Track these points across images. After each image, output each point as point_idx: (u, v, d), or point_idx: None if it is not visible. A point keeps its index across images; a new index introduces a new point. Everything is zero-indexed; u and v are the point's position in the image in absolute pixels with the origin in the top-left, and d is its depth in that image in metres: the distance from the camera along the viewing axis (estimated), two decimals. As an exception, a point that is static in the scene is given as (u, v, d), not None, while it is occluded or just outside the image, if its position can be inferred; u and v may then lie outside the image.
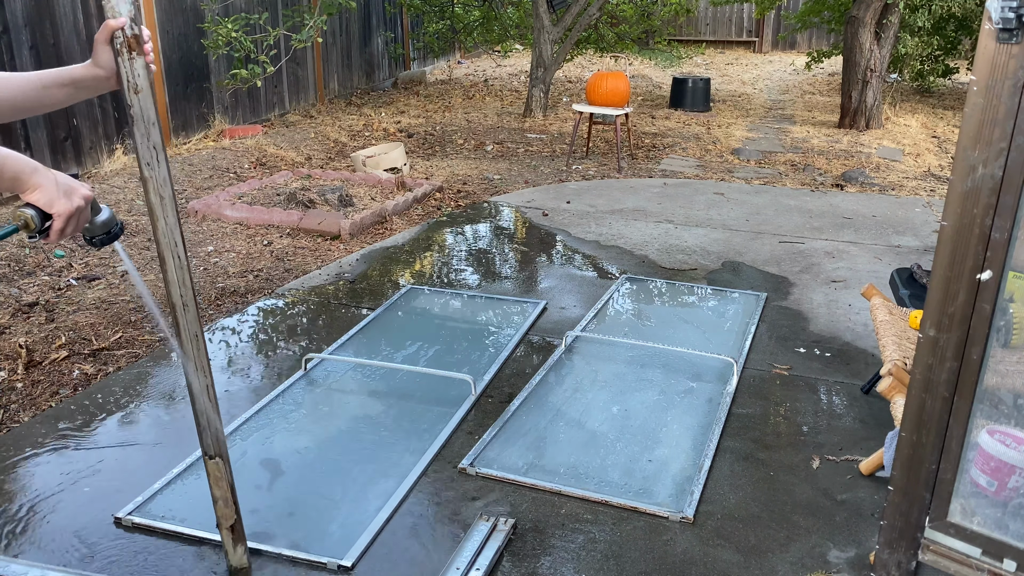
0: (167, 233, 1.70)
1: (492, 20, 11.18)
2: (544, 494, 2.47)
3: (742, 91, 11.60)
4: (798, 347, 3.54)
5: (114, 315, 3.71)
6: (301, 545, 2.20)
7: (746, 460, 2.68)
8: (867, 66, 8.44)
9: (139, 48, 1.54)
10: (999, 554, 1.43)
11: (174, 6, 6.89)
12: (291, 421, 2.84)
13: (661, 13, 11.53)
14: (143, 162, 1.63)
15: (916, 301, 3.02)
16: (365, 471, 2.57)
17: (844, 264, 4.60)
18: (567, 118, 9.12)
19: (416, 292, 4.08)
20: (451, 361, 3.36)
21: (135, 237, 4.74)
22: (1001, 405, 1.45)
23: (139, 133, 1.61)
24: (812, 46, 14.68)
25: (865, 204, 5.92)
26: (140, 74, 1.57)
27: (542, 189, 6.22)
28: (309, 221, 5.00)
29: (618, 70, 8.20)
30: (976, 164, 1.27)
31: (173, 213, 1.69)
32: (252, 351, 3.41)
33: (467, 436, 2.78)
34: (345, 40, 9.92)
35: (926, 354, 1.40)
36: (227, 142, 7.06)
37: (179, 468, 2.52)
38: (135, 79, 1.57)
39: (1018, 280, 1.37)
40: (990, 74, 1.23)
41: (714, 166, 7.17)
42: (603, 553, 2.22)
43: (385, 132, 8.18)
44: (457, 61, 13.76)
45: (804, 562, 2.20)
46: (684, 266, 4.54)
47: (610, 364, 3.32)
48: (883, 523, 1.53)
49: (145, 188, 1.66)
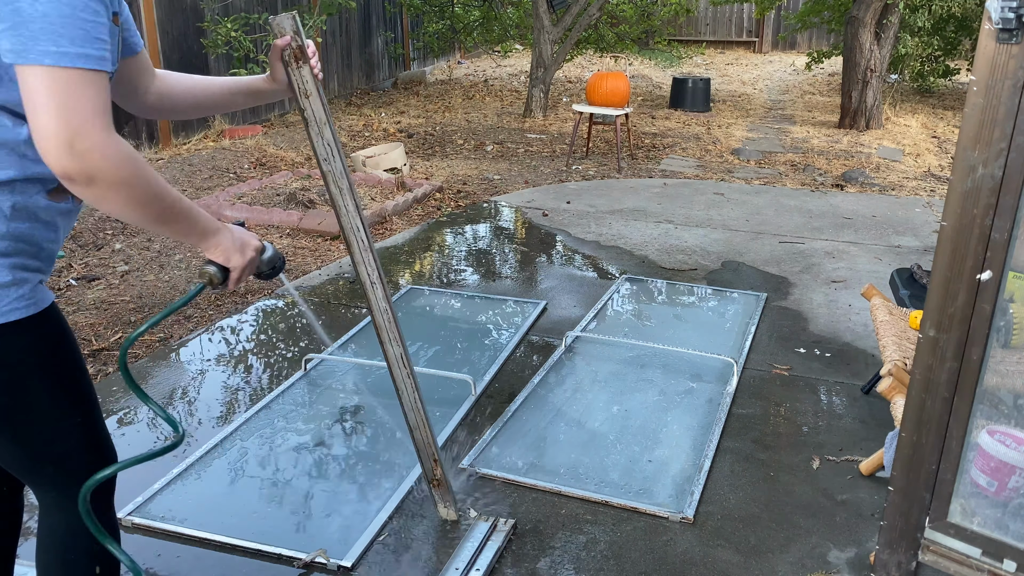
0: (349, 219, 1.86)
1: (492, 20, 11.19)
2: (544, 494, 2.47)
3: (742, 91, 11.60)
4: (798, 347, 3.54)
5: (114, 315, 3.71)
6: (301, 546, 2.20)
7: (746, 460, 2.68)
8: (867, 66, 8.44)
9: (304, 57, 1.68)
10: (999, 554, 1.43)
11: (174, 6, 6.89)
12: (291, 421, 2.84)
13: (661, 13, 11.53)
14: (320, 158, 1.79)
15: (916, 301, 3.02)
16: (365, 471, 2.57)
17: (844, 264, 4.60)
18: (567, 118, 9.12)
19: (416, 292, 4.08)
20: (451, 361, 3.36)
21: (135, 237, 4.74)
22: (1001, 405, 1.45)
23: (313, 133, 1.76)
24: (812, 46, 14.68)
25: (865, 204, 5.92)
26: (308, 80, 1.71)
27: (542, 189, 6.22)
28: (309, 221, 5.00)
29: (618, 70, 8.20)
30: (976, 164, 1.27)
31: (352, 201, 1.84)
32: (252, 351, 3.41)
33: (467, 436, 2.78)
34: (345, 40, 9.92)
35: (926, 354, 1.40)
36: (227, 142, 7.06)
37: (179, 468, 2.52)
38: (304, 85, 1.71)
39: (1018, 280, 1.37)
40: (990, 74, 1.23)
41: (714, 166, 7.17)
42: (603, 553, 2.21)
43: (385, 132, 8.18)
44: (457, 61, 13.76)
45: (804, 562, 2.20)
46: (684, 266, 4.54)
47: (610, 364, 3.32)
48: (883, 523, 1.53)
49: (325, 180, 1.82)
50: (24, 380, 1.31)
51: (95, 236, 4.70)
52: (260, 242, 1.53)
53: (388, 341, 2.01)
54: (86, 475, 1.42)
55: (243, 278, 1.49)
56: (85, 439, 1.42)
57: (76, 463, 1.41)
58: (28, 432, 1.34)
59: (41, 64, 1.11)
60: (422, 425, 2.13)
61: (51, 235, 1.33)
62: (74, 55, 1.13)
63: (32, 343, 1.30)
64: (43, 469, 1.40)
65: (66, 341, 1.37)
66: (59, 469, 1.40)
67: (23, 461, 1.38)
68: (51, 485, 1.42)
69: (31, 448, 1.36)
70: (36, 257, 1.31)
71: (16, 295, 1.26)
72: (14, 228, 1.25)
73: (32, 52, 1.11)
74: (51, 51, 1.12)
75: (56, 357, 1.35)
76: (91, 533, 1.44)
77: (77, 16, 1.13)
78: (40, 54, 1.11)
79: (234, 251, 1.44)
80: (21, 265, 1.28)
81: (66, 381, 1.37)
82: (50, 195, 1.30)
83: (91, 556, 1.48)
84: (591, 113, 6.97)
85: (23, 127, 1.22)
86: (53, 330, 1.34)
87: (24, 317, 1.28)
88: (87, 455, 1.43)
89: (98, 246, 4.57)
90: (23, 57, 1.12)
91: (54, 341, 1.34)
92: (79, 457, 1.42)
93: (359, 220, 1.86)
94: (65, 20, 1.12)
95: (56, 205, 1.31)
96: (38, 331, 1.31)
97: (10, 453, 1.36)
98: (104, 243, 4.62)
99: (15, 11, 1.11)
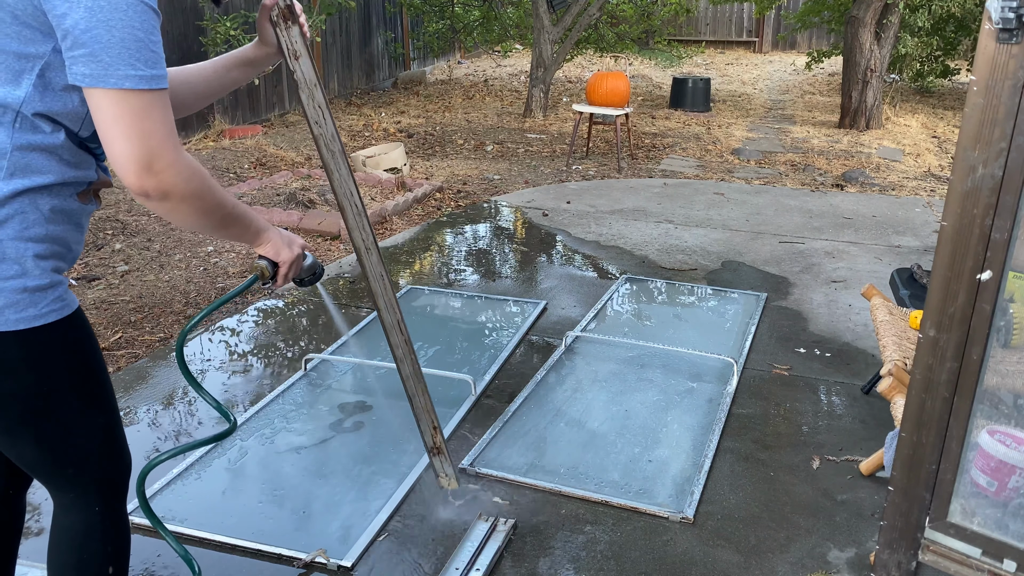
0: (342, 183, 1.81)
1: (492, 20, 11.18)
2: (544, 494, 2.47)
3: (742, 91, 11.60)
4: (798, 347, 3.54)
5: (114, 315, 3.71)
6: (301, 545, 2.20)
7: (746, 460, 2.68)
8: (867, 66, 8.44)
9: (293, 17, 1.63)
10: (999, 554, 1.43)
11: (174, 6, 6.89)
12: (291, 421, 2.84)
13: (661, 13, 11.53)
14: (311, 121, 1.73)
15: (916, 301, 3.02)
16: (365, 471, 2.57)
17: (844, 264, 4.60)
18: (567, 118, 9.12)
19: (416, 292, 4.08)
20: (451, 361, 3.36)
21: (135, 237, 4.74)
22: (1001, 405, 1.45)
23: (304, 95, 1.71)
24: (812, 46, 14.68)
25: (865, 204, 5.92)
26: (297, 40, 1.65)
27: (542, 189, 6.22)
28: (309, 221, 5.00)
29: (618, 70, 8.20)
30: (976, 164, 1.27)
31: (345, 165, 1.79)
32: (252, 351, 3.41)
33: (467, 436, 2.78)
34: (345, 40, 9.92)
35: (926, 354, 1.40)
36: (227, 142, 7.06)
37: (179, 468, 2.52)
38: (294, 46, 1.66)
39: (1018, 280, 1.37)
40: (990, 74, 1.23)
41: (714, 166, 7.17)
42: (603, 553, 2.21)
43: (385, 132, 8.18)
44: (457, 61, 13.76)
45: (804, 562, 2.20)
46: (684, 266, 4.54)
47: (610, 364, 3.32)
48: (883, 523, 1.53)
49: (317, 145, 1.76)
50: (54, 382, 1.32)
51: (95, 236, 4.70)
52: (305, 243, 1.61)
53: (384, 308, 1.97)
54: (103, 476, 1.44)
55: (290, 274, 1.58)
56: (107, 441, 1.44)
57: (96, 465, 1.43)
58: (53, 433, 1.36)
59: (121, 88, 1.16)
60: (421, 393, 2.11)
61: (79, 236, 1.37)
62: (149, 78, 1.19)
63: (63, 345, 1.32)
64: (64, 470, 1.41)
65: (91, 343, 1.39)
66: (79, 470, 1.42)
67: (45, 462, 1.39)
68: (69, 486, 1.43)
69: (54, 449, 1.37)
70: (66, 259, 1.34)
71: (52, 297, 1.29)
72: (52, 230, 1.29)
73: (112, 77, 1.16)
74: (131, 75, 1.17)
75: (84, 359, 1.37)
76: (105, 534, 1.46)
77: (148, 40, 1.19)
78: (120, 78, 1.16)
79: (283, 246, 1.55)
80: (56, 268, 1.31)
81: (92, 383, 1.39)
82: (80, 197, 1.33)
83: (105, 556, 1.50)
84: (591, 113, 6.97)
85: (60, 132, 1.25)
86: (81, 332, 1.36)
87: (58, 319, 1.30)
88: (107, 457, 1.45)
89: (98, 246, 4.57)
90: (102, 81, 1.16)
91: (82, 343, 1.36)
92: (99, 459, 1.43)
93: (352, 184, 1.82)
94: (140, 45, 1.17)
95: (85, 207, 1.35)
96: (69, 333, 1.33)
97: (32, 454, 1.37)
98: (104, 243, 4.62)
99: (94, 38, 1.14)
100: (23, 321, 1.26)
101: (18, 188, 1.23)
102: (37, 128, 1.23)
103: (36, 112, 1.22)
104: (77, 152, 1.29)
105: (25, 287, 1.25)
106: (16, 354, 1.27)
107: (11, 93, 1.20)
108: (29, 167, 1.23)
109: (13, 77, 1.20)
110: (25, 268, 1.25)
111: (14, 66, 1.19)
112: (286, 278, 1.58)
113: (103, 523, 1.47)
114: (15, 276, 1.24)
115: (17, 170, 1.23)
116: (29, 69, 1.20)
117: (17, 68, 1.19)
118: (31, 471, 1.41)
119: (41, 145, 1.24)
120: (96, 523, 1.46)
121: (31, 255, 1.25)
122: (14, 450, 1.37)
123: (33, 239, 1.26)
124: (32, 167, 1.24)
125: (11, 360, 1.27)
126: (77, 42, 1.15)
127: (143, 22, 1.17)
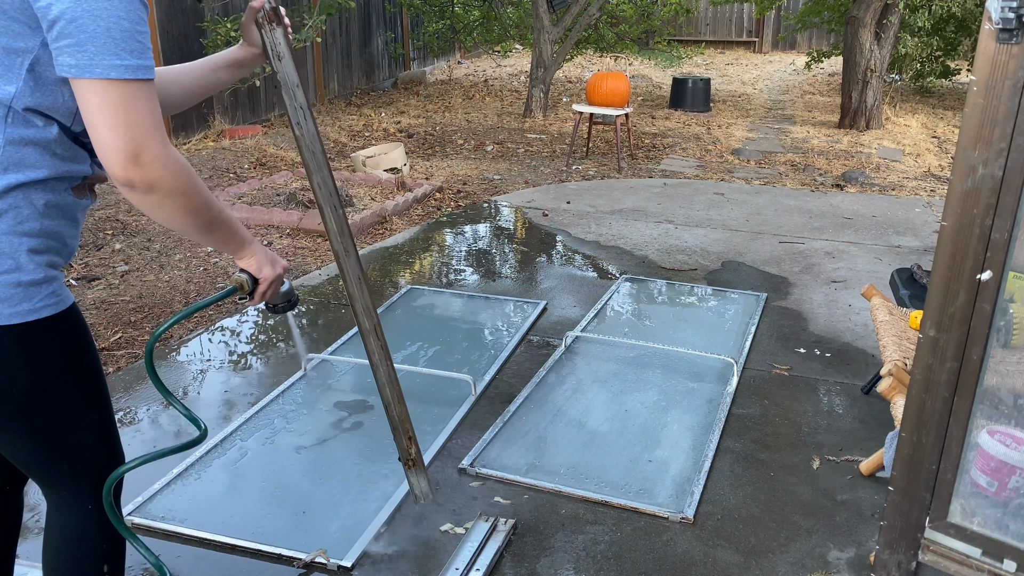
0: (322, 185, 1.80)
1: (492, 20, 11.18)
2: (544, 494, 2.47)
3: (742, 91, 11.60)
4: (798, 347, 3.54)
5: (114, 315, 3.71)
6: (301, 546, 2.20)
7: (746, 460, 2.68)
8: (867, 66, 8.44)
9: (278, 19, 1.67)
10: (999, 554, 1.43)
11: (174, 6, 6.89)
12: (291, 421, 2.84)
13: (661, 13, 11.53)
14: (293, 122, 1.74)
15: (916, 301, 3.02)
16: (365, 471, 2.57)
17: (844, 264, 4.60)
18: (567, 118, 9.12)
19: (416, 292, 4.08)
20: (451, 361, 3.36)
21: (135, 237, 4.74)
22: (1001, 405, 1.45)
23: (286, 96, 1.72)
24: (812, 46, 14.68)
25: (865, 204, 5.92)
26: (281, 42, 1.68)
27: (542, 189, 6.22)
28: (309, 221, 5.00)
29: (618, 70, 8.20)
30: (976, 164, 1.27)
31: (326, 167, 1.79)
32: (252, 351, 3.41)
33: (467, 436, 2.78)
34: (345, 40, 9.92)
35: (926, 354, 1.40)
36: (227, 142, 7.06)
37: (179, 468, 2.52)
38: (277, 47, 1.68)
39: (1018, 280, 1.37)
40: (990, 74, 1.23)
41: (714, 166, 7.17)
42: (603, 553, 2.21)
43: (385, 132, 8.18)
44: (457, 61, 13.76)
45: (804, 562, 2.20)
46: (684, 266, 4.54)
47: (610, 364, 3.32)
48: (883, 523, 1.53)
49: (298, 145, 1.76)
50: (49, 377, 1.33)
51: (95, 236, 4.70)
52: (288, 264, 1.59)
53: (362, 312, 1.95)
54: (97, 474, 1.44)
55: (268, 293, 1.55)
56: (101, 437, 1.44)
57: (89, 461, 1.43)
58: (48, 429, 1.36)
59: (107, 78, 1.15)
60: (396, 401, 2.09)
61: (74, 231, 1.37)
62: (135, 67, 1.18)
63: (58, 340, 1.33)
64: (58, 466, 1.40)
65: (87, 339, 1.40)
66: (73, 467, 1.42)
67: (39, 458, 1.39)
68: (63, 483, 1.43)
69: (49, 445, 1.37)
70: (61, 254, 1.34)
71: (47, 292, 1.30)
72: (47, 225, 1.29)
73: (98, 66, 1.15)
74: (116, 65, 1.16)
75: (79, 354, 1.37)
76: (100, 532, 1.46)
77: (135, 30, 1.18)
78: (106, 68, 1.15)
79: (266, 263, 1.52)
80: (50, 262, 1.31)
81: (87, 379, 1.39)
82: (75, 191, 1.33)
83: (99, 555, 1.50)
84: (591, 113, 6.97)
85: (53, 127, 1.25)
86: (76, 328, 1.37)
87: (53, 314, 1.30)
88: (101, 454, 1.45)
89: (98, 246, 4.57)
90: (88, 71, 1.15)
91: (77, 339, 1.37)
92: (93, 455, 1.43)
93: (332, 186, 1.81)
94: (126, 35, 1.17)
95: (79, 201, 1.35)
96: (64, 328, 1.33)
97: (27, 449, 1.37)
98: (104, 243, 4.62)
99: (79, 28, 1.14)
100: (17, 316, 1.26)
101: (11, 183, 1.23)
102: (29, 123, 1.23)
103: (27, 107, 1.22)
104: (70, 146, 1.29)
105: (19, 282, 1.25)
106: (10, 349, 1.27)
107: (2, 88, 1.20)
108: (22, 162, 1.24)
109: (3, 72, 1.20)
110: (19, 263, 1.25)
111: (3, 61, 1.19)
112: (263, 296, 1.55)
113: (97, 521, 1.47)
114: (9, 271, 1.24)
115: (10, 165, 1.23)
116: (19, 64, 1.20)
117: (7, 63, 1.19)
118: (25, 468, 1.41)
119: (34, 140, 1.24)
120: (91, 521, 1.46)
121: (25, 250, 1.26)
122: (8, 446, 1.37)
123: (27, 234, 1.26)
124: (25, 162, 1.24)
125: (5, 355, 1.27)
126: (63, 32, 1.14)
127: (129, 12, 1.17)
